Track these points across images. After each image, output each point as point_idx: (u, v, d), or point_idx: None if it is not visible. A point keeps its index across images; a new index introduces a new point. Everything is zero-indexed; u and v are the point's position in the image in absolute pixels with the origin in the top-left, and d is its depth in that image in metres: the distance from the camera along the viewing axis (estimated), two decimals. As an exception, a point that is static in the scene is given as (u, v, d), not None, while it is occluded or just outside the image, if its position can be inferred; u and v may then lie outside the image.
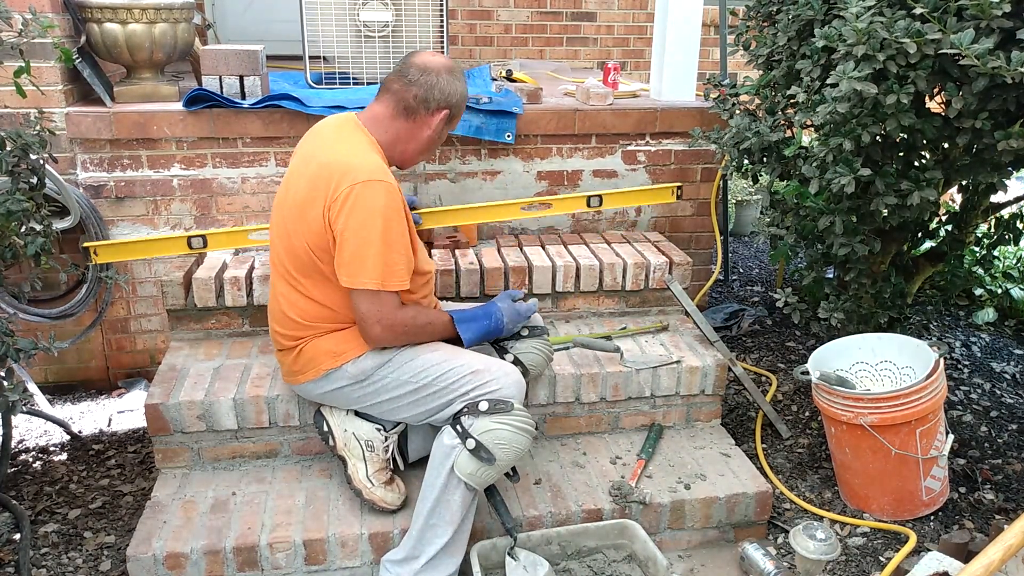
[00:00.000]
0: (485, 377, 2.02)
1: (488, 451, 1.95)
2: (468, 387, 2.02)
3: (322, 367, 2.09)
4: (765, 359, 3.43)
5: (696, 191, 3.31)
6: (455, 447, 1.98)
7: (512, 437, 1.97)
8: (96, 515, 2.44)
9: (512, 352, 2.27)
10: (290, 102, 2.85)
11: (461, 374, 2.03)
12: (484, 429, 1.96)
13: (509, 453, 1.98)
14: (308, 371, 2.13)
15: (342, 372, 2.08)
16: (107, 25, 2.80)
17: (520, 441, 1.99)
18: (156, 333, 3.11)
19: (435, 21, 3.30)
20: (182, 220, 2.97)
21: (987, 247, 2.93)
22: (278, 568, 2.10)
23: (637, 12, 5.64)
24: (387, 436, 2.21)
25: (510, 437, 1.97)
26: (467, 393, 2.01)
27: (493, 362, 2.07)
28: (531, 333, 2.31)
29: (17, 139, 2.22)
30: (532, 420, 2.03)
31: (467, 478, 1.97)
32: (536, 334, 2.31)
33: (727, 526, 2.36)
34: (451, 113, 2.11)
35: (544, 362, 2.34)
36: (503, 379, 2.02)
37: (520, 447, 1.99)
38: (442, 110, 2.08)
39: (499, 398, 1.99)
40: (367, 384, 2.09)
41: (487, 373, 2.03)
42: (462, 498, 2.00)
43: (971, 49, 1.86)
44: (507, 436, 1.97)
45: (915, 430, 2.30)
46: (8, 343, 2.05)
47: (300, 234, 2.02)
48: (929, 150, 2.44)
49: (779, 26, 2.53)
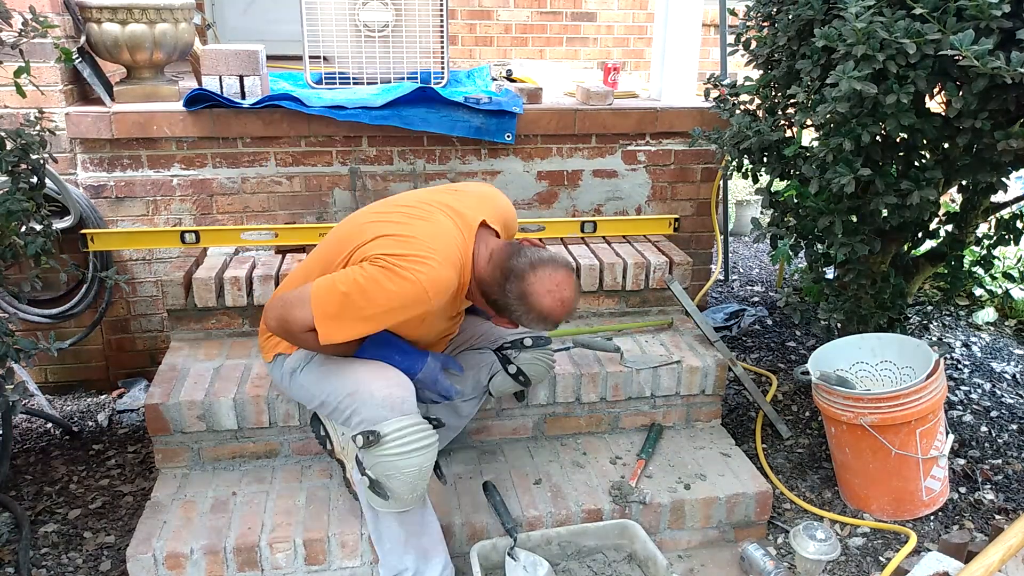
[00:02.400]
0: (356, 402, 1.89)
1: (381, 485, 1.86)
2: (348, 413, 1.92)
3: (272, 350, 2.12)
4: (765, 359, 3.43)
5: (696, 191, 3.31)
6: (360, 481, 1.94)
7: (397, 464, 1.84)
8: (96, 515, 2.44)
9: (515, 363, 2.23)
10: (290, 102, 2.85)
11: (341, 396, 1.93)
12: (371, 463, 1.86)
13: (402, 479, 1.85)
14: (266, 351, 2.16)
15: (285, 360, 2.09)
16: (107, 25, 2.80)
17: (407, 464, 1.84)
18: (156, 333, 3.11)
19: (435, 21, 3.30)
20: (182, 220, 2.97)
21: (987, 247, 2.92)
22: (278, 568, 2.10)
23: (637, 12, 5.64)
24: None
25: (395, 464, 1.84)
26: (348, 420, 1.93)
27: (363, 380, 1.91)
28: (534, 343, 2.24)
29: (17, 139, 2.22)
30: (415, 434, 1.85)
31: (384, 508, 1.91)
32: (539, 344, 2.25)
33: (727, 526, 2.36)
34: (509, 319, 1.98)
35: (545, 371, 2.30)
36: (369, 403, 1.87)
37: (410, 469, 1.84)
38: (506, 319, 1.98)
39: (366, 429, 1.86)
40: (293, 384, 2.09)
41: (357, 396, 1.89)
42: (399, 522, 1.95)
43: (971, 49, 1.86)
44: (392, 465, 1.84)
45: (915, 430, 2.30)
46: (8, 343, 2.05)
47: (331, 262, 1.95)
48: (929, 150, 2.44)
49: (779, 26, 2.53)
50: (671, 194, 3.30)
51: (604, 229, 3.08)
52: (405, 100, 2.91)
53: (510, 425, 2.54)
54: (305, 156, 2.97)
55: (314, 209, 3.03)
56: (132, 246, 2.90)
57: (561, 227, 3.06)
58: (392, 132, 2.96)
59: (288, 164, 2.97)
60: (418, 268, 1.79)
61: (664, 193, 3.29)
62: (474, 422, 2.49)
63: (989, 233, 2.91)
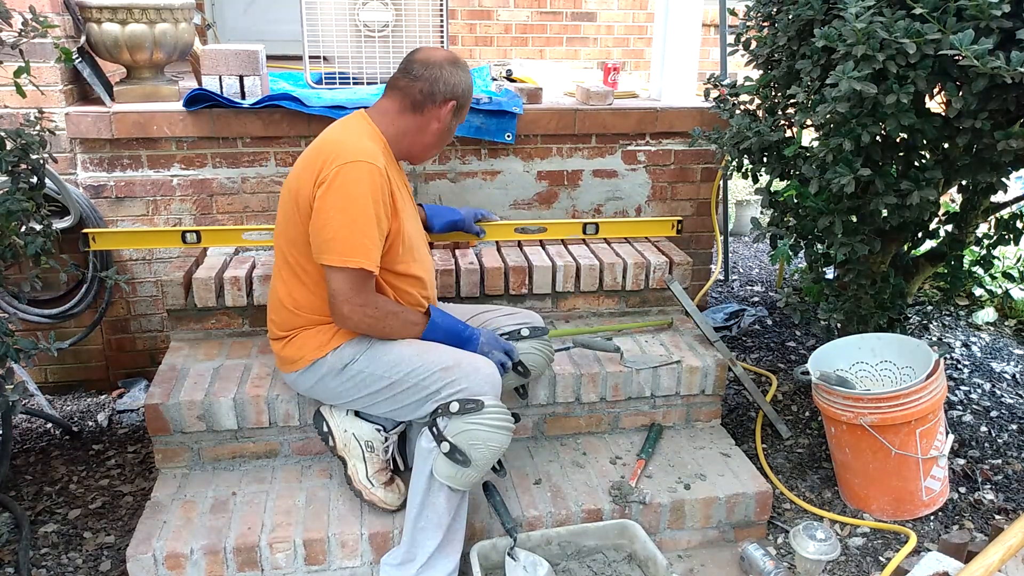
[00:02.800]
0: (454, 374, 1.99)
1: (463, 453, 1.93)
2: (438, 385, 1.99)
3: (308, 357, 2.10)
4: (765, 359, 3.43)
5: (696, 191, 3.31)
6: (431, 450, 1.97)
7: (487, 436, 1.94)
8: (96, 515, 2.44)
9: None
10: (290, 102, 2.85)
11: (431, 371, 2.00)
12: (457, 431, 1.94)
13: (485, 453, 1.95)
14: (297, 361, 2.13)
15: (324, 362, 2.09)
16: (107, 25, 2.80)
17: (496, 439, 1.95)
18: (156, 333, 3.11)
19: (435, 21, 3.30)
20: (182, 220, 2.97)
21: (987, 247, 2.92)
22: (278, 568, 2.10)
23: (637, 12, 5.64)
24: (387, 437, 2.21)
25: (485, 436, 1.94)
26: (437, 392, 1.99)
27: (464, 357, 2.04)
28: (532, 334, 2.29)
29: (17, 139, 2.22)
30: (508, 415, 1.99)
31: (447, 481, 1.96)
32: (536, 334, 2.30)
33: (727, 526, 2.36)
34: (458, 104, 2.11)
35: (544, 362, 2.33)
36: (473, 375, 1.99)
37: (496, 445, 1.96)
38: (449, 101, 2.08)
39: (468, 397, 1.96)
40: (345, 376, 2.08)
41: (456, 370, 1.99)
42: (447, 500, 1.99)
43: (971, 49, 1.86)
44: (481, 436, 1.94)
45: (915, 430, 2.30)
46: (8, 343, 2.05)
47: (296, 220, 2.03)
48: (929, 150, 2.44)
49: (779, 26, 2.53)
50: (671, 194, 3.30)
51: (606, 231, 3.07)
52: (405, 100, 2.90)
53: (510, 425, 2.54)
54: (305, 156, 2.97)
55: (314, 209, 3.03)
56: (133, 246, 2.90)
57: (562, 228, 3.05)
58: (392, 132, 2.95)
59: (288, 164, 2.96)
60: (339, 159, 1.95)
61: (664, 193, 3.29)
62: (474, 422, 2.49)
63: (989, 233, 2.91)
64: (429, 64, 2.07)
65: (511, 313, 2.37)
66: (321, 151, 2.01)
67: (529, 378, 2.32)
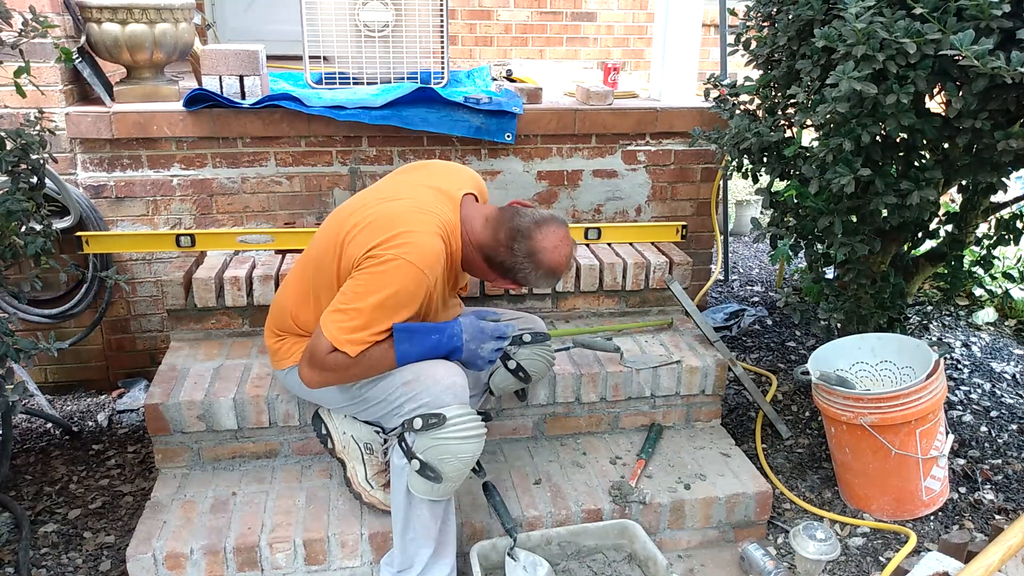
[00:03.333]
0: (415, 388, 1.93)
1: (433, 468, 1.89)
2: (401, 400, 1.95)
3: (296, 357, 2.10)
4: (765, 359, 3.43)
5: (696, 191, 3.31)
6: (403, 467, 1.94)
7: (455, 448, 1.89)
8: (96, 515, 2.44)
9: (515, 359, 2.24)
10: (290, 102, 2.85)
11: (394, 385, 1.96)
12: (425, 447, 1.89)
13: (456, 464, 1.90)
14: (285, 359, 2.14)
15: None
16: (107, 25, 2.80)
17: (465, 449, 1.90)
18: (156, 333, 3.11)
19: (435, 21, 3.30)
20: (182, 220, 2.97)
21: (987, 247, 2.92)
22: (278, 568, 2.10)
23: (637, 12, 5.64)
24: (386, 439, 2.21)
25: (454, 449, 1.89)
26: (401, 407, 1.95)
27: (424, 368, 1.95)
28: (533, 339, 2.25)
29: (17, 139, 2.22)
30: (475, 422, 1.92)
31: (424, 496, 1.93)
32: (538, 340, 2.26)
33: (727, 526, 2.36)
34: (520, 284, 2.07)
35: (546, 367, 2.31)
36: (432, 388, 1.91)
37: (467, 455, 1.90)
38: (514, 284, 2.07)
39: (430, 411, 1.90)
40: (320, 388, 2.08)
41: (416, 384, 1.93)
42: (430, 511, 1.97)
43: (971, 49, 1.86)
44: (450, 449, 1.88)
45: (915, 430, 2.30)
46: (8, 343, 2.05)
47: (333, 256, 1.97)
48: (929, 150, 2.44)
49: (779, 26, 2.53)
50: (671, 194, 3.30)
51: (609, 236, 3.06)
52: (405, 100, 2.91)
53: (510, 425, 2.54)
54: (305, 156, 2.97)
55: (314, 209, 3.03)
56: (128, 249, 2.90)
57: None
58: (392, 132, 2.96)
59: (288, 164, 2.97)
60: (401, 248, 1.86)
61: (664, 193, 3.29)
62: (474, 422, 2.49)
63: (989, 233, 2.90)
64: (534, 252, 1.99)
65: (513, 318, 2.35)
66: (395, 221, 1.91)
67: (530, 383, 2.32)
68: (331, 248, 1.98)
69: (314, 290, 2.05)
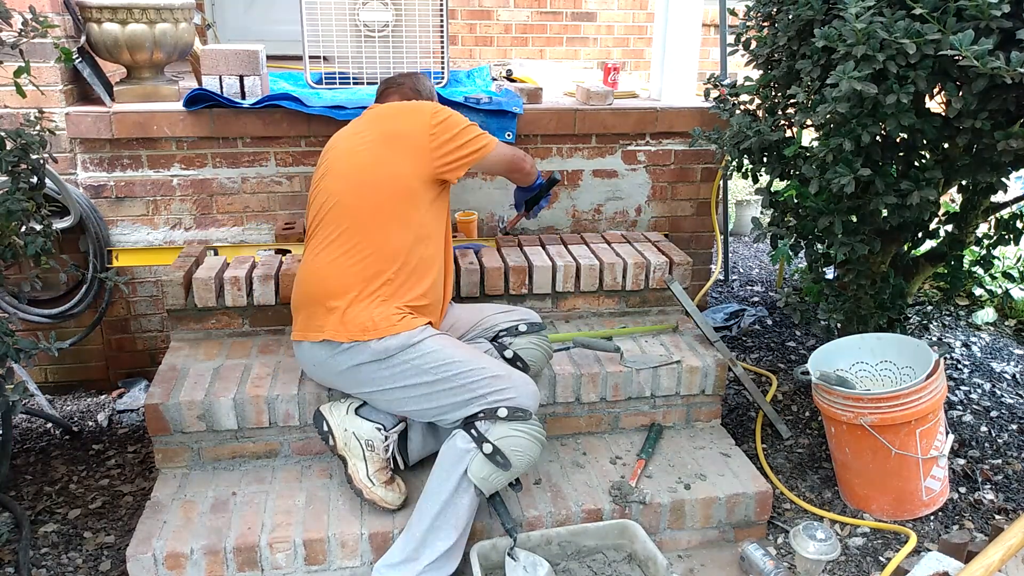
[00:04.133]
0: (505, 383, 2.05)
1: (504, 456, 1.99)
2: (487, 390, 2.04)
3: (349, 335, 2.06)
4: (765, 359, 3.43)
5: (696, 191, 3.32)
6: (469, 451, 2.00)
7: (528, 445, 2.01)
8: (96, 515, 2.44)
9: (511, 348, 2.28)
10: (290, 102, 2.85)
11: (482, 376, 2.05)
12: (502, 435, 2.00)
13: (523, 460, 2.02)
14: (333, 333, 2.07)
15: (364, 347, 2.06)
16: (107, 25, 2.80)
17: (534, 449, 2.03)
18: (156, 333, 3.11)
19: (435, 21, 3.30)
20: (182, 220, 2.97)
21: (987, 247, 2.92)
22: (278, 568, 2.10)
23: (637, 12, 5.64)
24: (387, 435, 2.21)
25: (526, 445, 2.01)
26: (485, 396, 2.04)
27: (514, 371, 2.12)
28: (529, 329, 2.32)
29: (17, 139, 2.22)
30: (544, 431, 2.07)
31: (479, 482, 2.00)
32: (534, 330, 2.33)
33: (727, 526, 2.36)
34: None
35: (543, 358, 2.35)
36: (523, 388, 2.07)
37: (533, 455, 2.03)
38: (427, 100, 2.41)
39: (518, 406, 2.04)
40: (385, 365, 2.07)
41: (507, 380, 2.07)
42: (470, 502, 2.03)
43: (971, 49, 1.86)
44: (523, 444, 2.01)
45: (915, 430, 2.30)
46: (8, 343, 2.05)
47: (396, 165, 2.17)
48: (929, 150, 2.44)
49: (779, 26, 2.53)
50: (671, 194, 3.30)
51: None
52: (405, 100, 2.91)
53: (510, 425, 2.54)
54: (305, 156, 2.97)
55: (314, 209, 3.03)
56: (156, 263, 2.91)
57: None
58: (392, 132, 2.95)
59: (288, 164, 2.97)
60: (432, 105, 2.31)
61: (664, 193, 3.29)
62: (474, 422, 2.49)
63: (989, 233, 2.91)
64: (405, 74, 2.52)
65: (508, 311, 2.40)
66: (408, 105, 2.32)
67: (528, 374, 2.32)
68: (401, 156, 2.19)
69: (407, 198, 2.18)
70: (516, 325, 2.33)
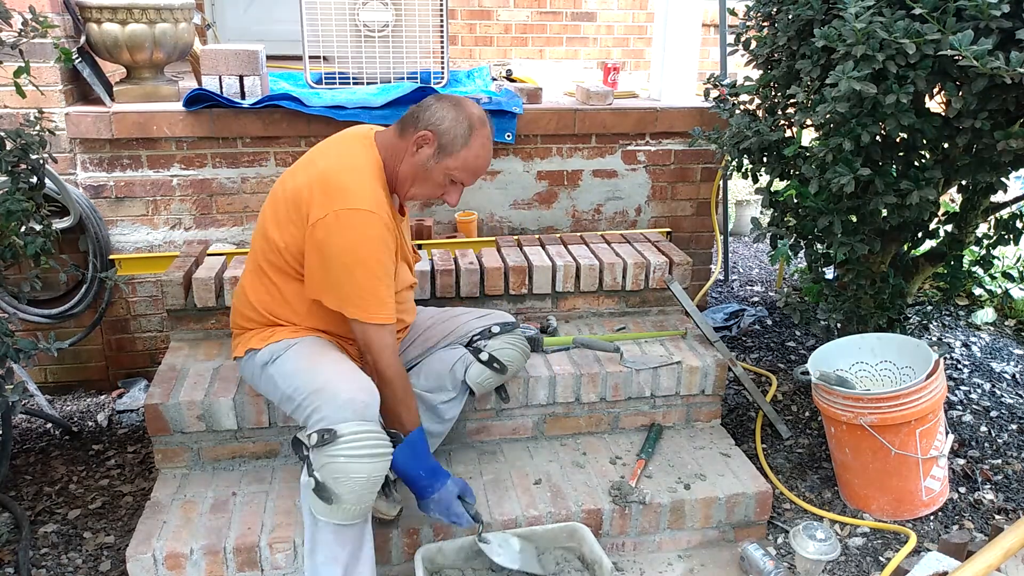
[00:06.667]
0: (316, 401, 1.84)
1: (327, 488, 1.76)
2: (308, 411, 1.87)
3: (248, 345, 2.09)
4: (765, 359, 3.43)
5: (696, 191, 3.32)
6: (304, 484, 1.83)
7: (347, 467, 1.75)
8: (96, 515, 2.44)
9: (486, 351, 2.25)
10: (290, 102, 2.85)
11: (304, 392, 1.89)
12: (320, 464, 1.77)
13: (351, 486, 1.76)
14: (237, 348, 2.14)
15: (255, 356, 2.07)
16: (107, 25, 2.80)
17: (359, 469, 1.76)
18: (156, 333, 3.11)
19: (435, 21, 3.30)
20: (182, 220, 2.97)
21: (987, 247, 2.92)
22: (278, 568, 2.10)
23: (637, 12, 5.64)
24: None
25: (346, 468, 1.75)
26: (308, 417, 1.87)
27: (332, 378, 1.89)
28: (503, 329, 2.28)
29: (17, 139, 2.22)
30: (373, 440, 1.79)
31: (325, 517, 1.81)
32: (507, 329, 2.29)
33: (727, 526, 2.36)
34: (439, 142, 1.94)
35: (520, 357, 2.31)
36: (332, 402, 1.82)
37: (360, 476, 1.76)
38: (427, 131, 1.93)
39: (325, 427, 1.79)
40: (263, 378, 2.06)
41: (318, 396, 1.85)
42: (335, 535, 1.83)
43: (970, 49, 1.86)
44: (341, 467, 1.75)
45: (915, 430, 2.30)
46: (8, 343, 2.05)
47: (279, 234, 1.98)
48: (929, 150, 2.44)
49: (779, 26, 2.53)
50: (671, 194, 3.30)
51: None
52: (405, 100, 2.91)
53: (510, 425, 2.54)
54: (305, 156, 2.97)
55: (314, 209, 3.03)
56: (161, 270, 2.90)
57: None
58: (392, 132, 2.95)
59: (288, 164, 2.97)
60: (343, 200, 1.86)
61: (664, 193, 3.29)
62: (474, 422, 2.49)
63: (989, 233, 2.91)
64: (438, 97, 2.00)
65: (482, 315, 2.36)
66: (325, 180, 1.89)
67: (507, 375, 2.31)
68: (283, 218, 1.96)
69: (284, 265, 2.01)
70: (489, 328, 2.28)
